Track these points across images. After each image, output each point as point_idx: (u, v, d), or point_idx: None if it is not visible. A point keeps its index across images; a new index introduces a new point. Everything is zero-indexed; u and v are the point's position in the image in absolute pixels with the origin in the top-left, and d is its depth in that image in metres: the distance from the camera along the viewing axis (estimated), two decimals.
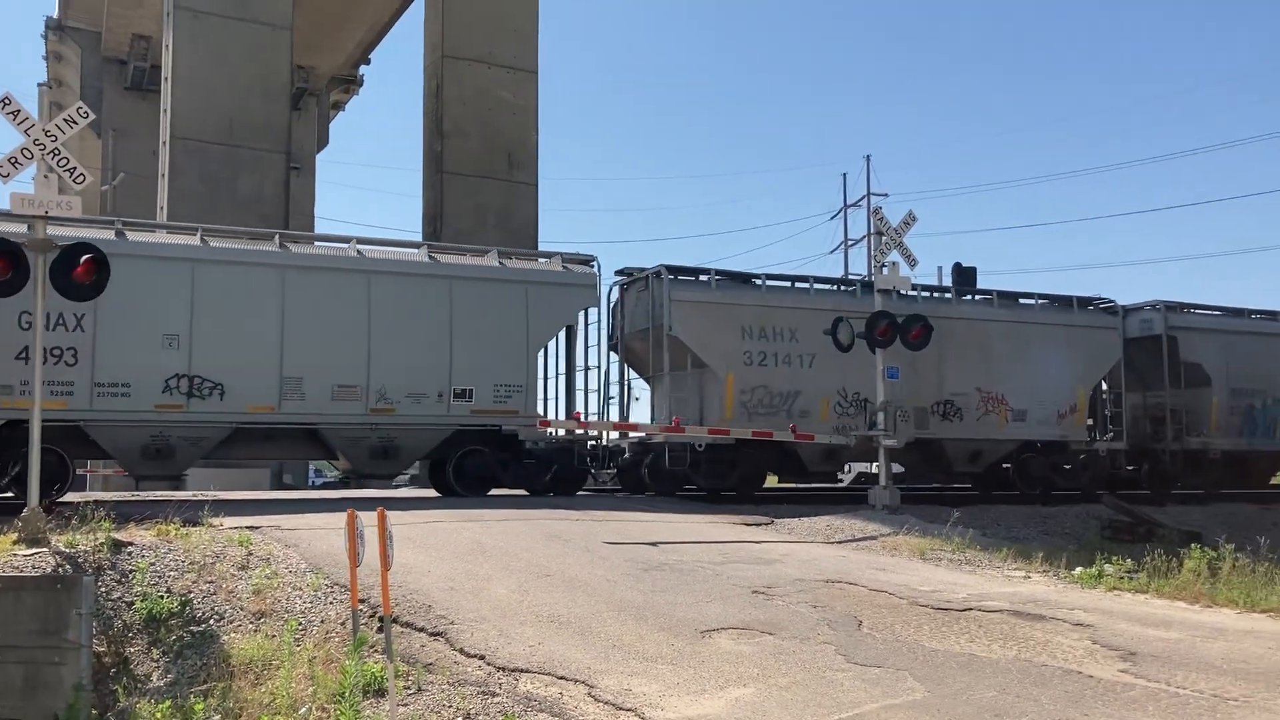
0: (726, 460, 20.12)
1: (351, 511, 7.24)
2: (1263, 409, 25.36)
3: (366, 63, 43.95)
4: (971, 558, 13.24)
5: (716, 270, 20.85)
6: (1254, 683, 7.28)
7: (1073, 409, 22.99)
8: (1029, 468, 22.79)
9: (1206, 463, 24.45)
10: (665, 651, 7.92)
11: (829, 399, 20.82)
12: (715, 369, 20.16)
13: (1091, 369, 23.62)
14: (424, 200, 32.76)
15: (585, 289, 19.82)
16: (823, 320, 20.40)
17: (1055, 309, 23.63)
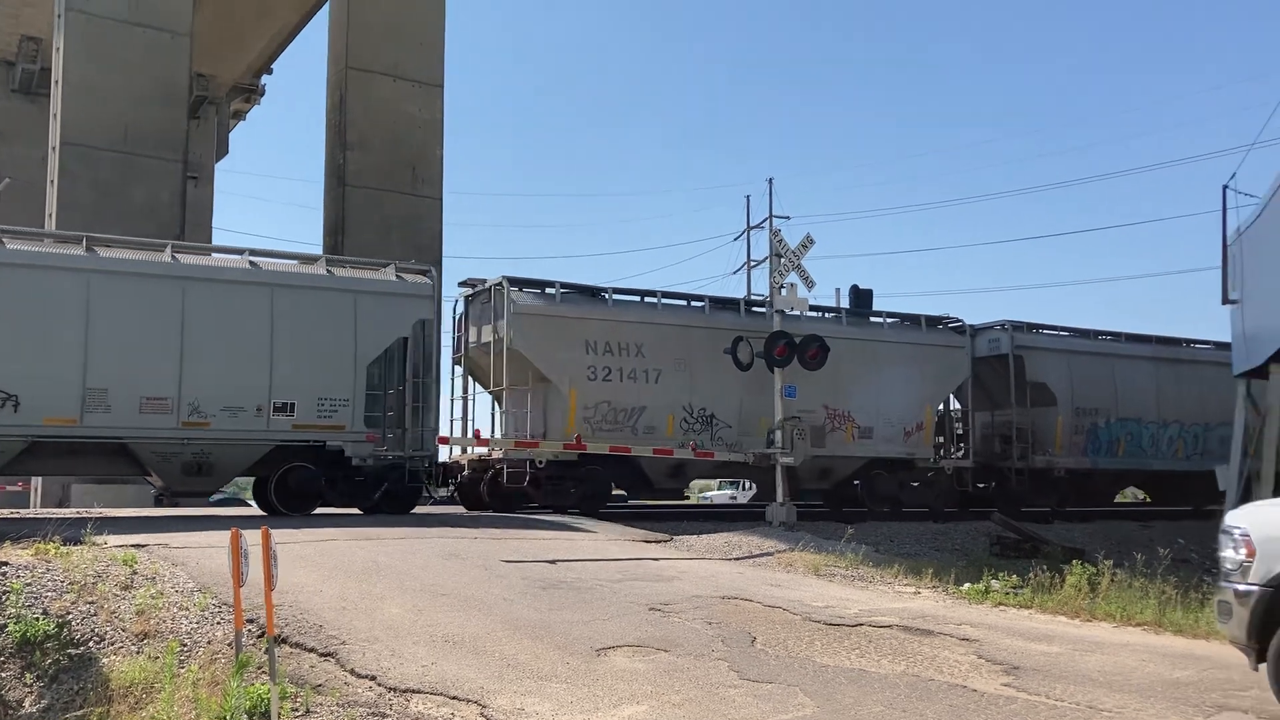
0: (570, 477, 19.84)
1: (235, 530, 7.08)
2: (1106, 428, 25.84)
3: (269, 72, 43.17)
4: (864, 574, 13.49)
5: (562, 283, 20.47)
6: (1127, 694, 7.56)
7: (919, 426, 23.16)
8: (876, 485, 22.84)
9: (1052, 481, 24.84)
10: (560, 670, 7.90)
11: (675, 415, 20.66)
12: (558, 384, 19.82)
13: (939, 387, 23.88)
14: (325, 213, 32.30)
15: (420, 299, 18.88)
16: (670, 335, 20.67)
17: (904, 327, 23.73)
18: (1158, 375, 27.00)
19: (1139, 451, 26.53)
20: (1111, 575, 11.66)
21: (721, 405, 20.99)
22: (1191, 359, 27.93)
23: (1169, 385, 27.06)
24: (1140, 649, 9.25)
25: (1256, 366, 19.45)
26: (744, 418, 21.16)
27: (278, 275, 17.82)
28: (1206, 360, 27.83)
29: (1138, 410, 26.34)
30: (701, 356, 20.96)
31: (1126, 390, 26.29)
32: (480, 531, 15.14)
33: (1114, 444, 25.99)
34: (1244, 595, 6.96)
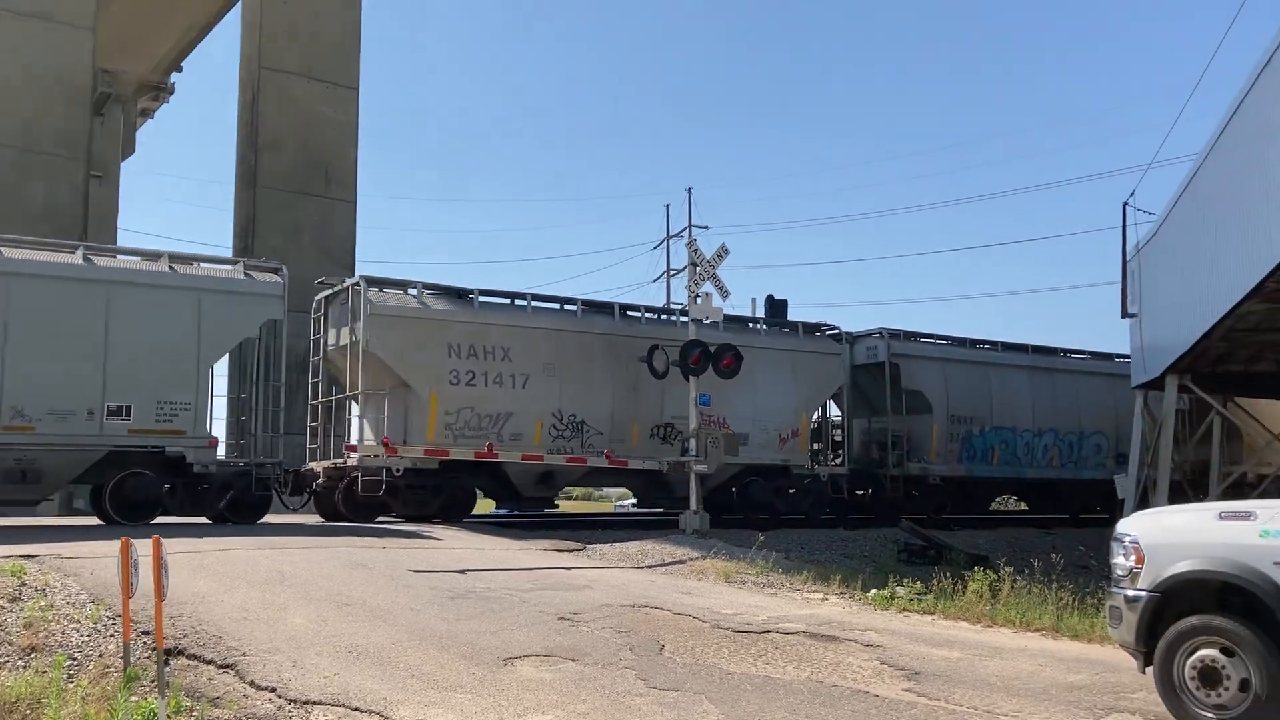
0: (430, 486, 19.29)
1: (125, 540, 6.89)
2: (981, 436, 25.97)
3: (179, 70, 42.23)
4: (774, 581, 13.62)
5: (425, 283, 19.90)
6: (1024, 699, 7.73)
7: (795, 433, 22.97)
8: (751, 492, 22.51)
9: (927, 488, 24.86)
10: (465, 680, 7.82)
11: (543, 421, 20.21)
12: (417, 389, 19.20)
13: (815, 394, 23.77)
14: (235, 214, 31.72)
15: (269, 299, 18.08)
16: (539, 339, 20.17)
17: (781, 334, 23.48)
18: (1032, 384, 27.23)
19: (1014, 460, 26.65)
20: (1012, 582, 11.92)
21: (593, 411, 20.63)
22: (1066, 369, 28.22)
23: (1044, 394, 27.33)
24: (1038, 654, 9.47)
25: (1154, 378, 20.11)
26: (616, 424, 20.91)
27: (114, 272, 17.05)
28: (1081, 370, 28.33)
29: (1013, 419, 26.54)
30: (572, 361, 20.61)
31: (1001, 399, 26.47)
32: (388, 541, 14.94)
33: (989, 452, 26.10)
34: (1133, 601, 7.16)
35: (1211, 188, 16.46)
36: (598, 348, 21.08)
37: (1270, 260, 13.73)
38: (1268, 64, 13.64)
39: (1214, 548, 6.90)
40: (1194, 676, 6.79)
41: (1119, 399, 27.82)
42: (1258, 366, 19.87)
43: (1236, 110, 14.96)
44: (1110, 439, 27.98)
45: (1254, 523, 6.81)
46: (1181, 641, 6.87)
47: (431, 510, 19.33)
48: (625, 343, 21.24)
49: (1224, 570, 6.79)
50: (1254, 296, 14.88)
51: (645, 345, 20.66)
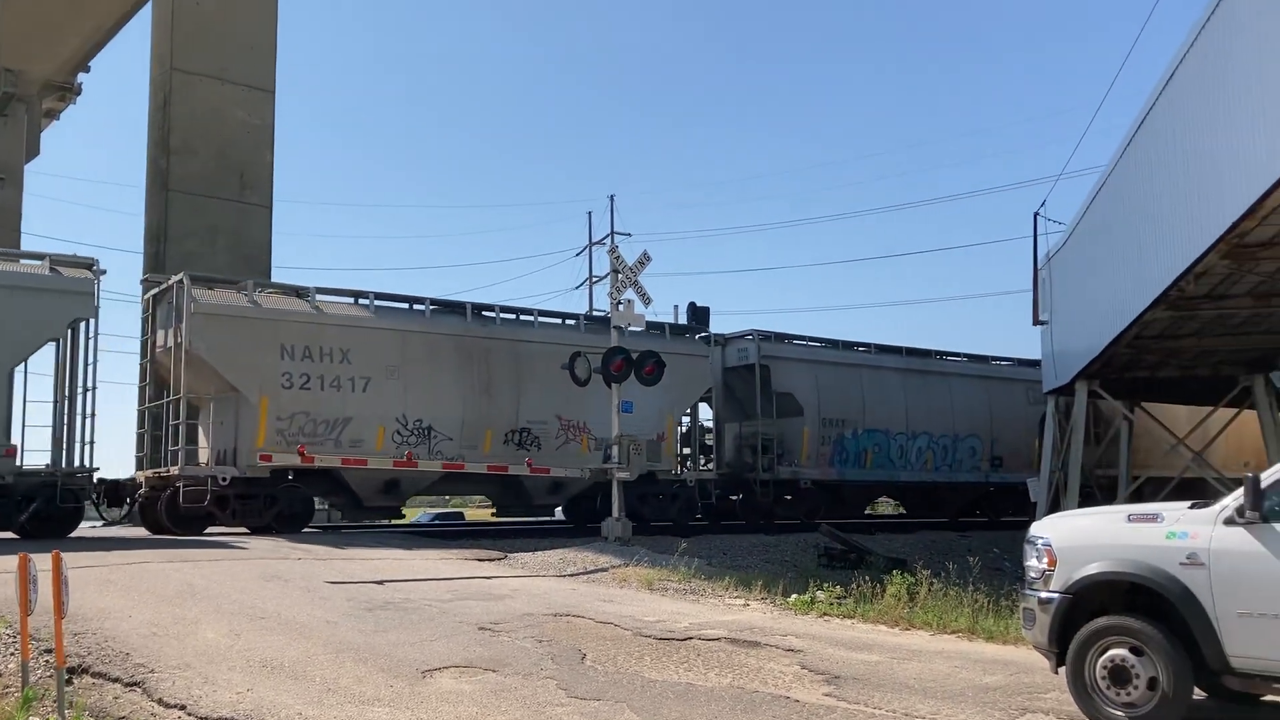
0: (263, 496, 18.47)
1: (24, 555, 6.64)
2: (853, 439, 25.54)
3: (87, 70, 41.03)
4: (696, 587, 13.64)
5: (257, 280, 19.10)
6: (941, 700, 7.83)
7: (661, 437, 22.23)
8: None
9: (799, 492, 24.48)
10: (384, 693, 7.68)
11: (386, 426, 19.48)
12: (246, 392, 18.27)
13: (682, 397, 23.18)
14: (146, 219, 30.88)
15: (76, 297, 16.84)
16: (382, 340, 19.35)
17: (645, 336, 22.60)
18: (906, 387, 27.00)
19: (887, 463, 26.33)
20: (929, 585, 12.09)
21: (441, 416, 20.02)
22: (941, 371, 28.13)
23: (918, 397, 27.14)
24: (954, 656, 9.61)
25: (1065, 384, 20.61)
26: (468, 429, 20.23)
27: None
28: (956, 373, 28.36)
29: (886, 421, 26.23)
30: (418, 363, 19.87)
31: (875, 401, 26.14)
32: (304, 552, 14.66)
33: (862, 455, 25.73)
34: (1045, 602, 7.31)
35: (1117, 200, 16.96)
36: (447, 349, 20.31)
37: (1174, 269, 14.18)
38: (1169, 82, 14.10)
39: (1123, 549, 7.07)
40: (1105, 676, 6.95)
41: (995, 402, 28.39)
42: (1163, 372, 20.48)
43: (1140, 126, 15.43)
44: (985, 442, 28.11)
45: (1161, 525, 7.00)
46: (1092, 642, 7.02)
47: (265, 521, 18.41)
48: (478, 344, 20.64)
49: (1133, 571, 6.96)
50: (1158, 305, 15.36)
51: (501, 347, 20.31)
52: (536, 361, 21.11)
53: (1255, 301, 15.68)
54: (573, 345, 20.82)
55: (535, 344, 21.31)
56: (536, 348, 21.26)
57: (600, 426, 21.24)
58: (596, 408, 21.07)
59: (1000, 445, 28.38)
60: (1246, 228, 12.28)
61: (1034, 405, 28.29)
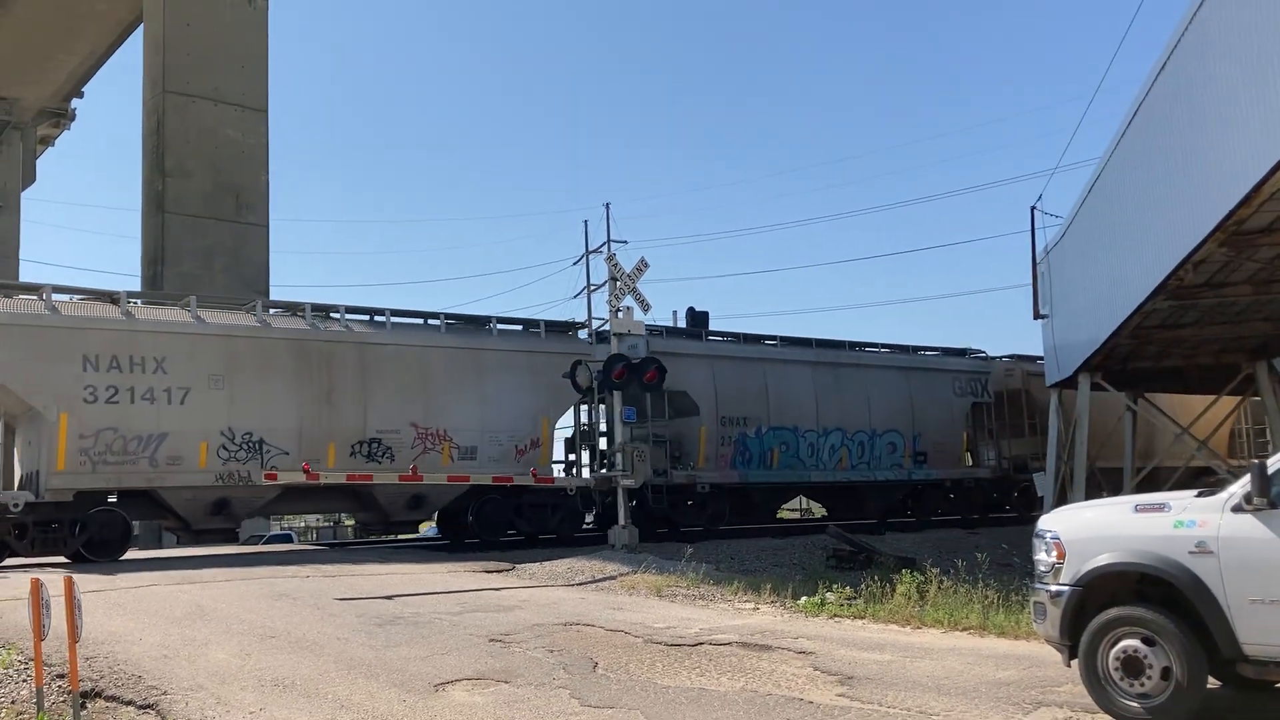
0: (68, 523, 16.84)
1: (35, 580, 6.64)
2: (757, 438, 23.75)
3: (80, 95, 41.19)
4: (705, 592, 13.62)
5: (61, 286, 17.56)
6: (955, 697, 7.81)
7: (535, 443, 20.88)
8: (487, 511, 20.46)
9: (699, 497, 22.68)
10: (397, 708, 7.67)
11: (209, 441, 17.85)
12: (43, 409, 16.62)
13: (559, 399, 21.57)
14: (144, 242, 30.95)
15: None
16: (203, 347, 17.77)
17: (517, 335, 21.62)
18: (817, 381, 25.27)
19: (796, 463, 24.48)
20: (939, 583, 12.06)
21: (274, 428, 18.42)
22: (856, 363, 26.53)
23: (830, 391, 25.40)
24: (967, 653, 9.59)
25: (1067, 377, 20.61)
26: (307, 441, 18.67)
27: None
28: (873, 365, 26.85)
29: (795, 419, 24.45)
30: (248, 371, 18.27)
31: (781, 397, 24.34)
32: (313, 570, 14.66)
33: (767, 455, 23.91)
34: (1056, 595, 7.29)
35: (1114, 191, 16.96)
36: (282, 355, 18.69)
37: (1173, 259, 14.18)
38: (1161, 72, 14.13)
39: (1132, 540, 7.05)
40: (1118, 667, 6.93)
41: (918, 394, 26.76)
42: (1165, 362, 20.49)
43: (1134, 116, 15.45)
44: (907, 437, 26.51)
45: (1168, 514, 6.98)
46: (1104, 633, 7.00)
47: (71, 550, 16.89)
48: (319, 348, 19.05)
49: (1142, 562, 6.94)
50: (1158, 295, 15.36)
51: (345, 351, 18.99)
52: (388, 366, 19.58)
53: (1255, 289, 15.70)
54: (430, 346, 19.81)
55: (386, 346, 19.67)
56: (388, 351, 19.63)
57: (464, 433, 20.04)
58: (459, 413, 19.97)
59: (924, 440, 26.80)
60: (1244, 215, 12.30)
61: (961, 397, 27.75)
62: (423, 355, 20.08)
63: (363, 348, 19.34)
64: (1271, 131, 10.99)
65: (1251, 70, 11.53)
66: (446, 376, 20.15)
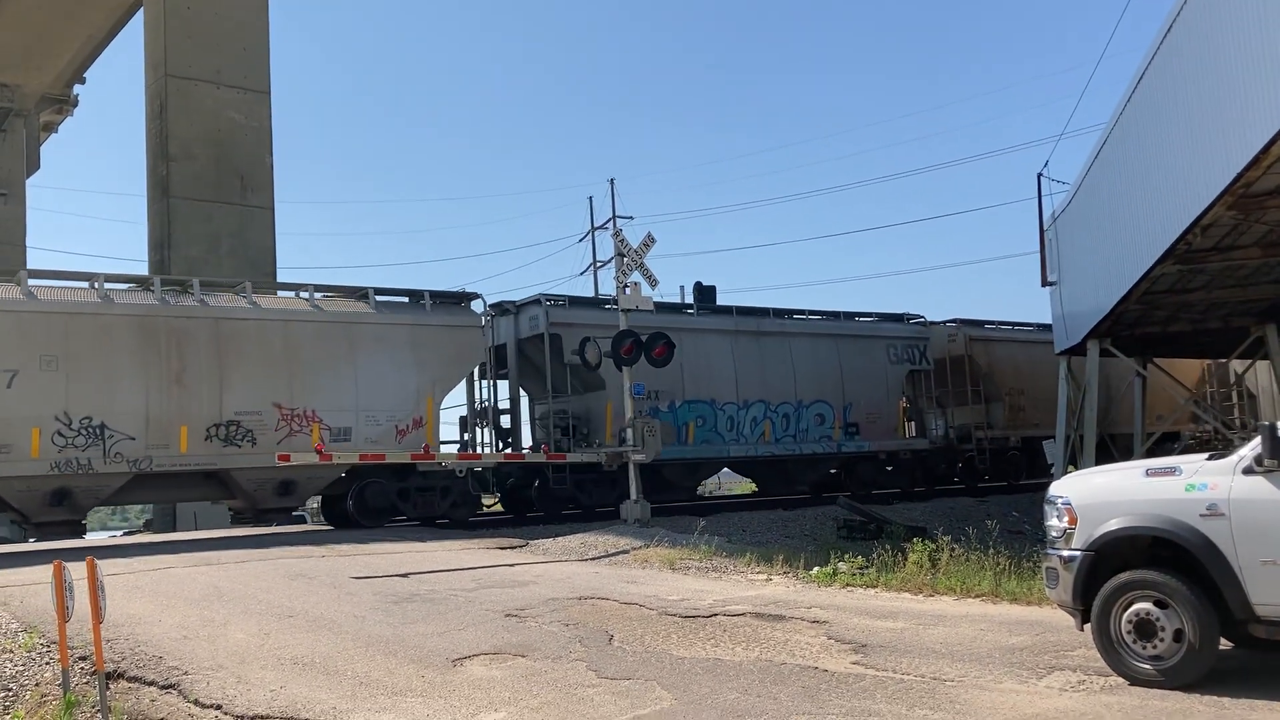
0: None
1: (58, 563, 6.71)
2: (670, 412, 22.35)
3: (82, 81, 41.13)
4: (718, 565, 13.69)
5: None
6: (968, 664, 7.88)
7: (419, 422, 19.65)
8: (368, 496, 19.30)
9: (607, 475, 21.03)
10: (416, 684, 7.75)
11: (43, 428, 16.61)
12: None
13: (446, 374, 20.44)
14: (149, 227, 30.97)
15: None
16: (31, 325, 16.63)
17: (398, 308, 20.32)
18: (737, 351, 23.86)
19: (715, 437, 23.21)
20: (950, 551, 12.12)
21: (116, 412, 17.27)
22: (781, 331, 24.97)
23: (751, 361, 24.00)
24: (979, 619, 9.65)
25: (1076, 344, 20.60)
26: (155, 426, 17.50)
27: None
28: (800, 332, 25.38)
29: (711, 391, 23.09)
30: (86, 351, 17.06)
31: (696, 369, 22.92)
32: (328, 550, 14.77)
33: (682, 430, 22.65)
34: (1068, 561, 7.34)
35: (1121, 156, 16.89)
36: (126, 333, 17.48)
37: (1180, 223, 14.14)
38: (1167, 34, 14.04)
39: (1143, 504, 7.09)
40: (1130, 630, 6.99)
41: (848, 363, 25.50)
42: (1173, 327, 20.46)
43: (1140, 80, 15.36)
44: (837, 408, 25.16)
45: (1179, 478, 7.02)
46: (1116, 597, 7.06)
47: None
48: (168, 325, 17.86)
49: (1154, 525, 6.98)
50: (1166, 259, 15.33)
51: (199, 327, 17.86)
52: (248, 342, 18.34)
53: (1263, 251, 15.66)
54: (297, 321, 18.69)
55: (246, 322, 18.45)
56: (248, 327, 18.43)
57: (336, 414, 18.90)
58: (330, 391, 18.82)
59: (856, 410, 25.44)
60: (1251, 177, 12.26)
61: (897, 364, 26.46)
62: (288, 330, 18.72)
63: (219, 323, 18.07)
64: (1278, 94, 10.94)
65: (1261, 31, 11.46)
66: (316, 352, 18.85)
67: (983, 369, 27.72)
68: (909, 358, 26.83)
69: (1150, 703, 6.57)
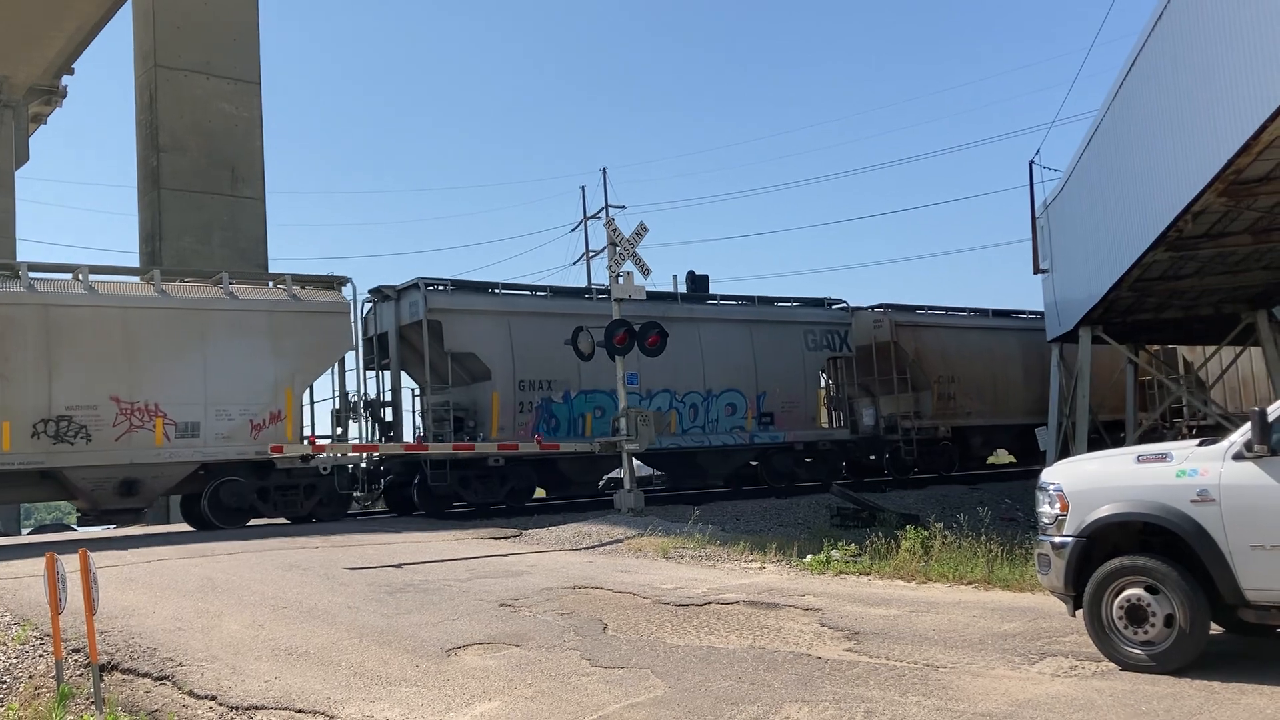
0: None
1: (51, 555, 6.70)
2: (565, 404, 21.49)
3: (70, 72, 40.91)
4: (712, 553, 13.72)
5: None
6: (961, 650, 7.90)
7: (277, 416, 18.45)
8: (223, 495, 18.21)
9: (496, 472, 20.41)
10: (410, 674, 7.76)
11: None
12: None
13: (309, 364, 19.13)
14: (140, 218, 30.90)
15: None
16: None
17: (257, 293, 19.13)
18: None
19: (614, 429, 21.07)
20: (943, 538, 12.15)
21: None
22: (689, 316, 23.61)
23: None
24: (972, 606, 9.68)
25: (1068, 331, 20.65)
26: None
27: None
28: (709, 318, 24.06)
29: (612, 380, 20.69)
30: None
31: (596, 358, 20.56)
32: (322, 540, 14.77)
33: (578, 422, 21.54)
34: (1060, 547, 7.36)
35: (1113, 143, 16.91)
36: None
37: (1172, 210, 14.16)
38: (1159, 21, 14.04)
39: (1134, 490, 7.11)
40: (1122, 616, 7.02)
41: (762, 350, 24.34)
42: (1165, 314, 20.52)
43: (1131, 67, 15.37)
44: (749, 397, 23.97)
45: (1171, 464, 7.04)
46: (1108, 583, 7.08)
47: None
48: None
49: (1145, 511, 7.01)
50: (1157, 246, 15.36)
51: (23, 315, 16.92)
52: (81, 331, 17.21)
53: (1254, 238, 15.69)
54: (137, 308, 17.57)
55: (80, 309, 17.33)
56: (81, 314, 17.29)
57: (181, 407, 17.78)
58: (176, 383, 17.73)
59: (771, 400, 24.13)
60: (1242, 164, 12.27)
61: (816, 351, 25.31)
62: (127, 318, 17.49)
63: (48, 310, 16.90)
64: (1270, 78, 10.95)
65: (1251, 15, 11.46)
66: (160, 342, 17.70)
67: (909, 356, 26.74)
68: (828, 344, 25.61)
69: (1141, 687, 6.61)
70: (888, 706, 6.46)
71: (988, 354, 28.16)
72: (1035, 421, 26.95)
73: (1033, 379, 27.98)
